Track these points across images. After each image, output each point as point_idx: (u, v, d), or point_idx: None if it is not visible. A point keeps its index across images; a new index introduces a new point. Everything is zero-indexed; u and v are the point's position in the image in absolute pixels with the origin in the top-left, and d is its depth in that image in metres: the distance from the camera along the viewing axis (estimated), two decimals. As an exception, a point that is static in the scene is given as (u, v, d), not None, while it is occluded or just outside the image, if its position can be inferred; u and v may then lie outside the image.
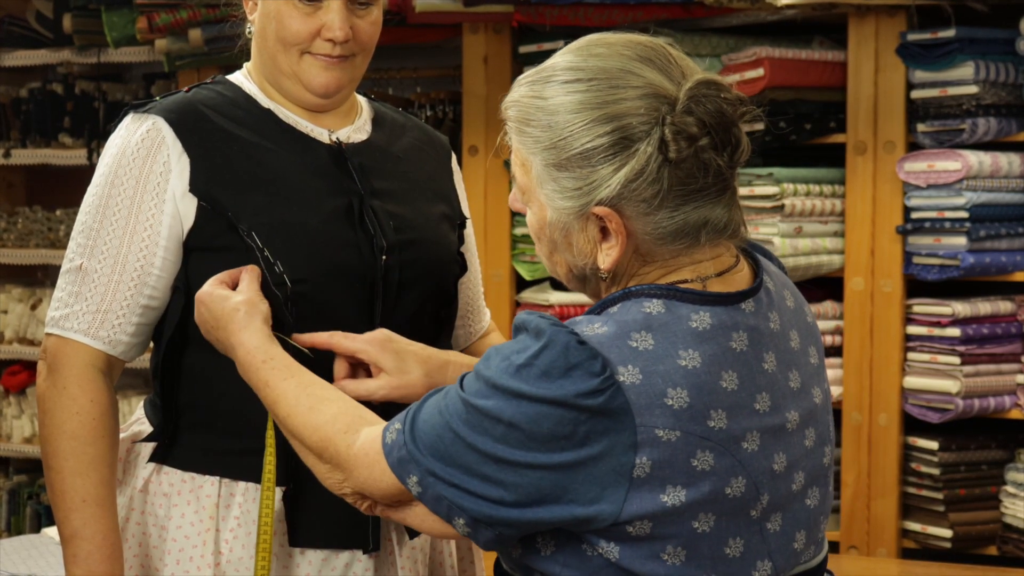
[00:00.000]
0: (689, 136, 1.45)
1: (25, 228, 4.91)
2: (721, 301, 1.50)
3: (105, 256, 1.89)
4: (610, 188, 1.47)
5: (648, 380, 1.43)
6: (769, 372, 1.51)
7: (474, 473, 1.47)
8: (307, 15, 1.90)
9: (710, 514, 1.46)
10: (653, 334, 1.46)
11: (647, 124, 1.46)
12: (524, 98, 1.53)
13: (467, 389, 1.49)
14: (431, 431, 1.50)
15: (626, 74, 1.48)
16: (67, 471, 1.87)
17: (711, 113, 1.46)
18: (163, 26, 4.15)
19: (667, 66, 1.49)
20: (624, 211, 1.49)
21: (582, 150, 1.48)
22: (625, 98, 1.47)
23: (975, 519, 3.49)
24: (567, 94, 1.49)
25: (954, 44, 3.38)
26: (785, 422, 1.52)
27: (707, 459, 1.44)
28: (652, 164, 1.46)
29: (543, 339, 1.45)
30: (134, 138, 1.90)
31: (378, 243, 1.92)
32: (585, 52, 1.52)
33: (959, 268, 3.40)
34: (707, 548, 1.47)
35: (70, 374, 1.88)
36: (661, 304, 1.48)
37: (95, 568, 1.85)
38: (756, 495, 1.48)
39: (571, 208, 1.51)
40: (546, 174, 1.52)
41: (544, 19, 3.68)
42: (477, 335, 2.18)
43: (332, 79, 1.94)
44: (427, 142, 2.10)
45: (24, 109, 4.91)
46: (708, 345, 1.47)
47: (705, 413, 1.45)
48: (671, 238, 1.50)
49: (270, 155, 1.93)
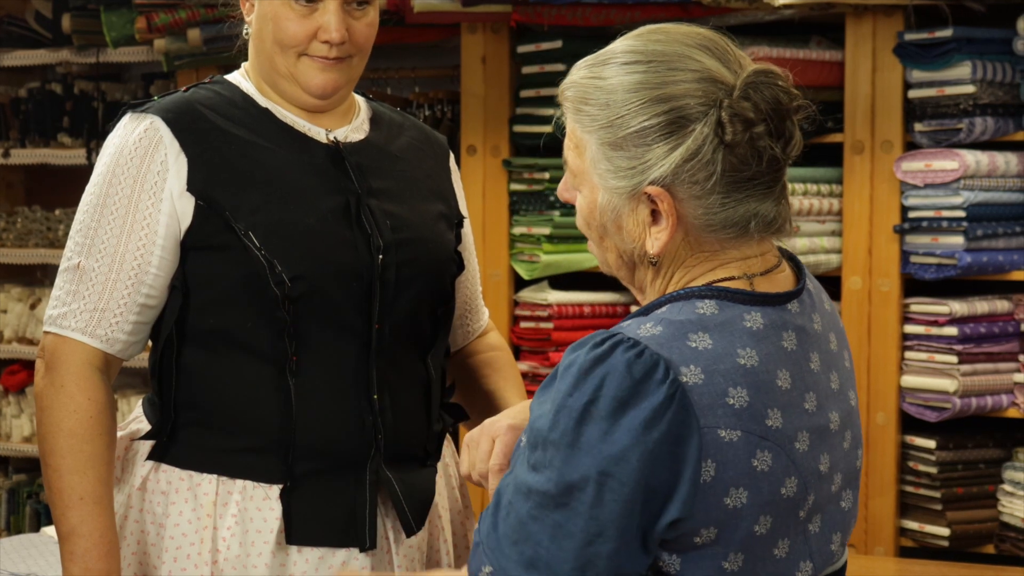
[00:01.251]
0: (745, 120, 1.45)
1: (24, 228, 4.92)
2: (769, 301, 1.50)
3: (103, 255, 1.90)
4: (664, 168, 1.47)
5: (710, 379, 1.42)
6: (815, 372, 1.51)
7: (585, 566, 1.40)
8: (304, 17, 1.91)
9: (768, 516, 1.44)
10: (710, 333, 1.44)
11: (704, 106, 1.46)
12: (583, 79, 1.53)
13: (536, 476, 1.42)
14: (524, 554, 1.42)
15: (684, 58, 1.48)
16: (64, 469, 1.87)
17: (768, 100, 1.46)
18: (162, 26, 4.15)
19: (725, 55, 1.49)
20: (676, 193, 1.48)
21: (638, 129, 1.47)
22: (683, 80, 1.47)
23: (973, 518, 3.50)
24: (626, 75, 1.49)
25: (951, 44, 3.39)
26: (829, 423, 1.51)
27: (766, 459, 1.43)
28: (707, 146, 1.45)
29: (600, 374, 1.41)
30: (132, 137, 1.91)
31: (375, 242, 1.93)
32: (644, 38, 1.52)
33: (956, 267, 3.41)
34: (761, 550, 1.46)
35: (68, 372, 1.89)
36: (714, 304, 1.47)
37: (92, 565, 1.86)
38: (805, 495, 1.47)
39: (624, 188, 1.50)
40: (600, 154, 1.51)
41: (542, 19, 3.68)
42: (475, 334, 2.19)
43: (329, 80, 1.94)
44: (425, 141, 2.10)
45: (23, 109, 4.91)
46: (764, 344, 1.46)
47: (763, 412, 1.43)
48: (720, 226, 1.49)
49: (267, 154, 1.93)
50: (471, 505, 2.18)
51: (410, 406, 1.99)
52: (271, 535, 1.90)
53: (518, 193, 3.86)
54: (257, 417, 1.90)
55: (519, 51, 3.83)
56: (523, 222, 3.83)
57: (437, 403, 2.03)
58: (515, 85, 3.88)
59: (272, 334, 1.89)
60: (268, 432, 1.90)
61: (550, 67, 3.74)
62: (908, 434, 3.54)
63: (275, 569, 1.90)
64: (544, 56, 3.77)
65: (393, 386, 1.95)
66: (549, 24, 3.69)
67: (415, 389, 2.00)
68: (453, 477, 2.14)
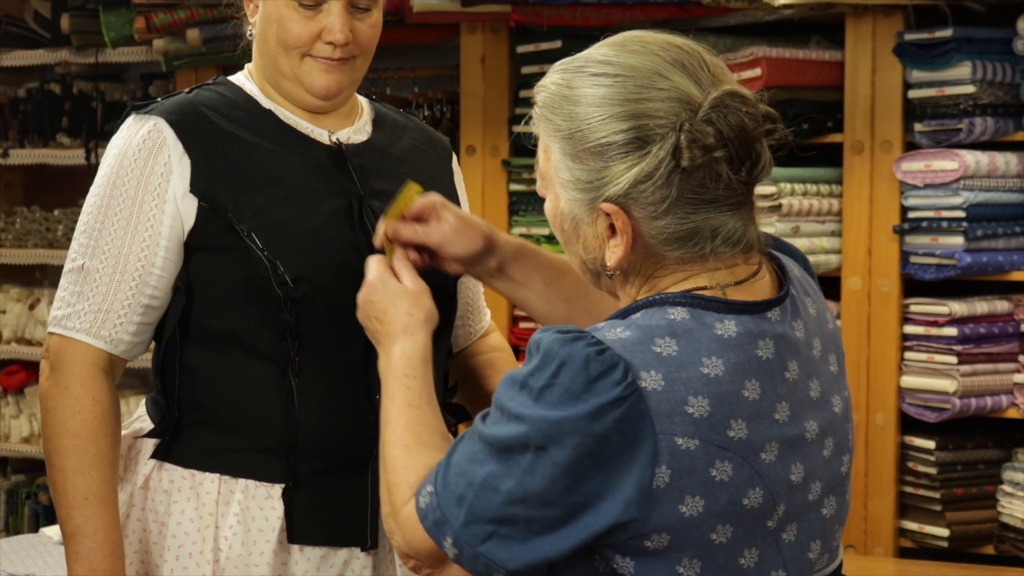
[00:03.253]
0: (704, 146, 1.43)
1: (23, 228, 4.91)
2: (747, 310, 1.49)
3: (107, 256, 1.90)
4: (619, 186, 1.46)
5: (670, 387, 1.41)
6: (791, 381, 1.49)
7: (503, 518, 1.45)
8: (308, 18, 1.91)
9: (727, 525, 1.44)
10: (677, 340, 1.44)
11: (665, 128, 1.45)
12: (553, 85, 1.53)
13: (488, 426, 1.48)
14: (458, 485, 1.48)
15: (655, 75, 1.47)
16: (69, 469, 1.88)
17: (731, 126, 1.44)
18: (161, 26, 4.15)
19: (698, 72, 1.47)
20: (631, 211, 1.48)
21: (597, 143, 1.47)
22: (649, 99, 1.46)
23: (972, 518, 3.50)
24: (593, 87, 1.49)
25: (951, 44, 3.39)
26: (804, 432, 1.50)
27: (726, 469, 1.42)
28: (663, 168, 1.44)
29: (559, 357, 1.42)
30: (135, 139, 1.91)
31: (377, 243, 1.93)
32: (620, 47, 1.51)
33: (956, 268, 3.41)
34: (723, 559, 1.45)
35: (72, 373, 1.89)
36: (686, 311, 1.47)
37: (97, 565, 1.87)
38: (773, 506, 1.46)
39: (581, 200, 1.50)
40: (563, 163, 1.51)
41: (541, 19, 3.68)
42: (477, 335, 2.19)
43: (333, 81, 1.94)
44: (428, 143, 2.10)
45: (22, 109, 4.91)
46: (732, 353, 1.45)
47: (725, 423, 1.43)
48: (679, 243, 1.48)
49: (270, 156, 1.93)
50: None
51: None
52: (273, 534, 1.90)
53: (517, 193, 3.86)
54: (259, 417, 1.90)
55: (518, 51, 3.83)
56: (522, 222, 3.83)
57: (439, 401, 2.03)
58: (514, 85, 3.88)
59: (274, 335, 1.89)
60: (270, 432, 1.90)
61: (550, 67, 3.73)
62: (907, 435, 3.54)
63: (277, 568, 1.90)
64: (543, 56, 3.77)
65: None
66: (548, 24, 3.69)
67: None
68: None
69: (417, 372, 1.68)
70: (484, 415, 1.50)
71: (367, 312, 1.76)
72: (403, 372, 1.68)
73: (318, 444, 1.91)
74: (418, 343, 1.71)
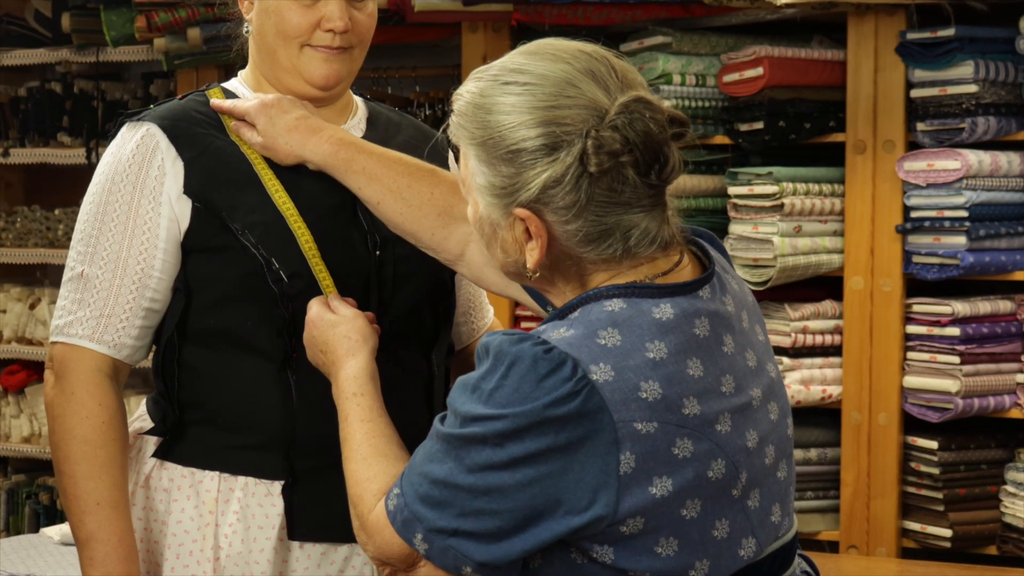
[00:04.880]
0: (610, 151, 1.47)
1: (24, 227, 4.91)
2: (679, 291, 1.53)
3: (105, 262, 1.91)
4: (531, 191, 1.51)
5: (620, 376, 1.45)
6: (729, 354, 1.54)
7: (468, 512, 1.49)
8: (306, 8, 1.94)
9: (696, 499, 1.48)
10: (619, 330, 1.48)
11: (572, 134, 1.49)
12: (468, 94, 1.57)
13: (445, 427, 1.52)
14: (422, 485, 1.53)
15: (566, 84, 1.51)
16: (79, 475, 1.89)
17: (637, 132, 1.48)
18: (162, 25, 4.15)
19: (607, 80, 1.52)
20: (544, 215, 1.52)
21: (509, 150, 1.51)
22: (558, 106, 1.49)
23: (975, 519, 3.49)
24: (505, 95, 1.52)
25: (954, 43, 3.38)
26: (751, 400, 1.55)
27: (686, 446, 1.47)
28: (571, 173, 1.49)
29: (508, 358, 1.47)
30: (129, 145, 1.94)
31: (372, 238, 1.95)
32: (532, 56, 1.55)
33: (959, 267, 3.40)
34: (696, 533, 1.49)
35: (78, 380, 1.90)
36: (622, 301, 1.51)
37: (112, 569, 1.88)
38: (736, 474, 1.51)
39: (497, 205, 1.55)
40: (478, 169, 1.55)
41: (543, 18, 3.68)
42: (480, 331, 2.20)
43: (332, 71, 1.96)
44: (423, 140, 2.11)
45: (22, 108, 4.91)
46: (673, 335, 1.49)
47: (678, 402, 1.47)
48: (594, 244, 1.53)
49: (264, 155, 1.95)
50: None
51: (412, 402, 1.99)
52: (273, 531, 1.91)
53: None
54: (258, 414, 1.91)
55: (520, 50, 3.82)
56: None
57: (440, 399, 2.04)
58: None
59: (272, 332, 1.90)
60: (270, 429, 1.91)
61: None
62: (910, 435, 3.54)
63: (277, 565, 1.91)
64: (545, 55, 3.76)
65: (395, 382, 1.95)
66: (550, 23, 3.68)
67: (417, 385, 2.01)
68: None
69: (365, 389, 1.75)
70: (442, 417, 1.54)
71: (313, 348, 1.83)
72: (351, 392, 1.75)
73: (317, 440, 1.91)
74: (361, 362, 1.78)
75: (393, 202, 1.90)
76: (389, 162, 1.91)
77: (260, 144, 1.94)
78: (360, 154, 1.91)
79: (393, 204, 1.90)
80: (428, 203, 1.89)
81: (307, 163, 1.93)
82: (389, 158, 1.92)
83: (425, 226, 1.90)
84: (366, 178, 1.90)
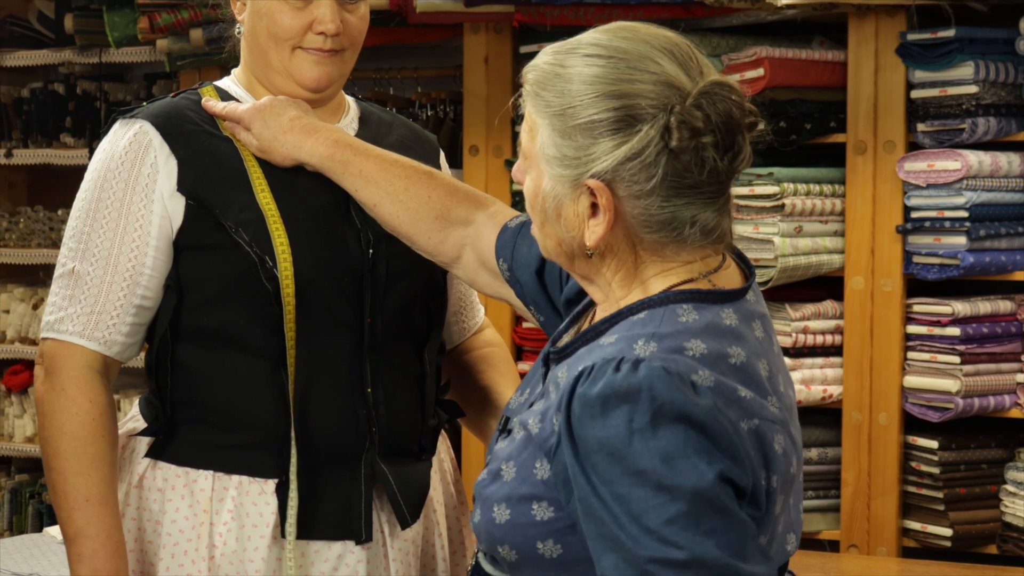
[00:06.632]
0: (693, 129, 1.47)
1: (27, 228, 4.92)
2: (734, 297, 1.54)
3: (97, 258, 1.91)
4: (606, 163, 1.49)
5: (720, 382, 1.45)
6: (778, 355, 1.57)
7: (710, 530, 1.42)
8: (298, 10, 1.94)
9: (782, 495, 1.50)
10: (701, 339, 1.47)
11: (655, 108, 1.48)
12: (545, 64, 1.56)
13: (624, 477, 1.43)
14: None
15: (645, 59, 1.50)
16: (69, 471, 1.88)
17: (720, 112, 1.48)
18: (164, 26, 4.15)
19: (687, 62, 1.52)
20: (616, 189, 1.50)
21: (587, 120, 1.50)
22: (639, 80, 1.49)
23: (975, 518, 3.49)
24: (585, 66, 1.51)
25: (954, 44, 3.39)
26: (792, 400, 1.58)
27: (781, 441, 1.48)
28: (651, 148, 1.48)
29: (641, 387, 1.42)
30: (122, 142, 1.94)
31: (365, 236, 1.95)
32: (612, 33, 1.55)
33: (959, 267, 3.40)
34: (774, 528, 1.50)
35: (68, 376, 1.90)
36: (692, 309, 1.50)
37: (100, 566, 1.87)
38: (798, 471, 1.54)
39: (567, 176, 1.52)
40: (550, 140, 1.54)
41: (545, 19, 3.68)
42: (471, 331, 2.20)
43: (323, 73, 1.97)
44: (415, 140, 2.12)
45: (26, 109, 4.91)
46: (743, 340, 1.50)
47: (763, 402, 1.48)
48: (658, 227, 1.51)
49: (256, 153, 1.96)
50: (466, 500, 2.19)
51: (404, 400, 2.00)
52: (267, 530, 1.91)
53: (520, 193, 3.85)
54: (252, 413, 1.91)
55: (521, 51, 3.83)
56: (525, 222, 3.83)
57: (432, 398, 2.05)
58: (517, 85, 3.87)
59: (265, 330, 1.90)
60: (263, 427, 1.91)
61: (552, 67, 3.73)
62: (910, 434, 3.54)
63: (271, 563, 1.92)
64: (546, 56, 3.76)
65: (387, 380, 1.97)
66: (552, 24, 3.69)
67: (409, 383, 2.01)
68: (448, 472, 2.15)
69: None
70: None
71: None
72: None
73: (310, 438, 1.92)
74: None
75: (390, 205, 1.91)
76: (386, 164, 1.92)
77: (256, 147, 1.95)
78: (357, 156, 1.92)
79: (390, 207, 1.91)
80: (425, 206, 1.90)
81: (304, 165, 1.94)
82: (386, 160, 1.93)
83: (422, 229, 1.90)
84: (363, 181, 1.91)
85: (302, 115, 1.95)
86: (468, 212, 1.91)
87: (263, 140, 1.93)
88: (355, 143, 1.94)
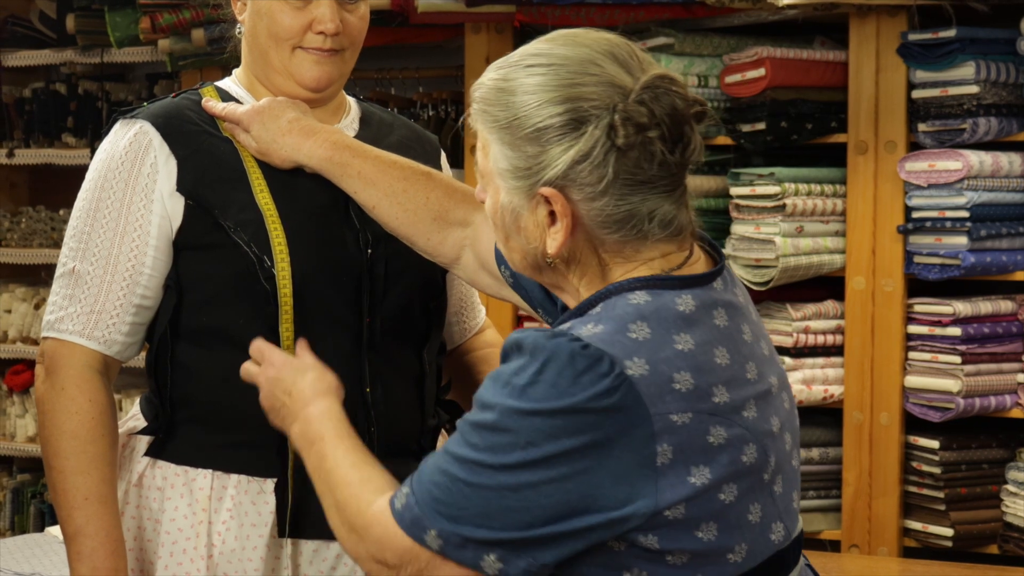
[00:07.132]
0: (638, 124, 1.49)
1: (29, 228, 4.93)
2: (696, 283, 1.55)
3: (97, 258, 1.92)
4: (557, 168, 1.51)
5: (655, 369, 1.46)
6: (749, 342, 1.56)
7: (494, 512, 1.47)
8: (298, 10, 1.95)
9: (732, 484, 1.50)
10: (647, 323, 1.49)
11: (599, 109, 1.49)
12: (489, 81, 1.58)
13: (473, 426, 1.49)
14: (439, 489, 1.49)
15: (587, 63, 1.52)
16: (68, 470, 1.89)
17: (664, 106, 1.50)
18: (166, 26, 4.16)
19: (628, 61, 1.53)
20: (570, 194, 1.52)
21: (534, 128, 1.51)
22: (582, 83, 1.51)
23: (976, 518, 3.50)
24: (528, 76, 1.53)
25: (955, 44, 3.39)
26: (770, 387, 1.57)
27: (720, 433, 1.48)
28: (599, 148, 1.49)
29: (544, 354, 1.46)
30: (122, 143, 1.95)
31: (364, 236, 1.96)
32: (552, 42, 1.56)
33: (960, 267, 3.41)
34: (734, 517, 1.51)
35: (68, 375, 1.91)
36: (645, 294, 1.52)
37: (99, 564, 1.88)
38: (766, 458, 1.53)
39: (521, 187, 1.54)
40: (501, 153, 1.55)
41: (546, 19, 3.69)
42: (472, 331, 2.21)
43: (323, 73, 1.97)
44: (416, 140, 2.13)
45: (27, 109, 4.92)
46: (697, 326, 1.51)
47: (709, 391, 1.48)
48: (617, 225, 1.53)
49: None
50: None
51: (403, 400, 2.00)
52: (266, 528, 1.92)
53: (522, 193, 3.85)
54: (251, 412, 1.90)
55: (523, 51, 3.82)
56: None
57: (431, 398, 2.05)
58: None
59: (264, 330, 1.90)
60: (262, 426, 1.90)
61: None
62: (912, 434, 3.54)
63: (270, 563, 1.92)
64: (548, 56, 3.76)
65: (386, 380, 1.97)
66: (553, 24, 3.69)
67: (409, 383, 2.02)
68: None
69: (340, 419, 1.68)
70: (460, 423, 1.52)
71: (275, 390, 1.75)
72: (324, 417, 1.68)
73: None
74: (334, 404, 1.70)
75: (389, 206, 1.91)
76: (385, 166, 1.92)
77: (255, 149, 1.95)
78: (356, 158, 1.92)
79: (389, 208, 1.91)
80: (424, 207, 1.90)
81: (303, 167, 1.94)
82: (385, 161, 1.93)
83: (421, 230, 1.91)
84: (362, 182, 1.91)
85: (301, 117, 1.95)
86: (467, 213, 1.91)
87: (262, 142, 1.93)
88: (354, 144, 1.94)
